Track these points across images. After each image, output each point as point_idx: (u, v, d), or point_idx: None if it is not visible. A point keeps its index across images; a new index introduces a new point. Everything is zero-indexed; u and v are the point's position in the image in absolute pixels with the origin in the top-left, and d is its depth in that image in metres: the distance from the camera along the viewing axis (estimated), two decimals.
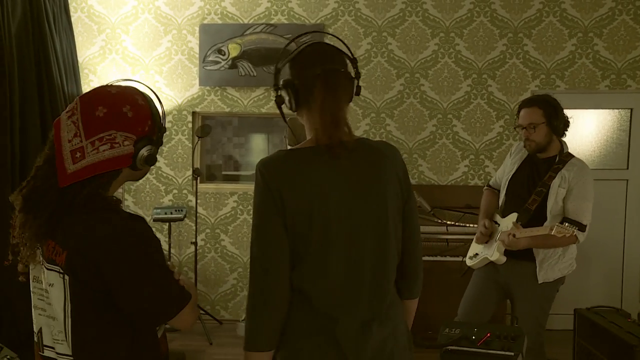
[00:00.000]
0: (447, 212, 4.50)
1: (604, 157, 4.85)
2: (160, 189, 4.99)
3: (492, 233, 3.12)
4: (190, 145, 4.96)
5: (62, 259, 1.35)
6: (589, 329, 3.41)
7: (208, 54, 4.84)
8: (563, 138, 3.02)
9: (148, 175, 4.95)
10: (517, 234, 2.83)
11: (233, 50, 4.82)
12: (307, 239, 1.48)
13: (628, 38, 4.75)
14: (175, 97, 4.92)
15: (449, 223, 4.39)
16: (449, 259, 4.18)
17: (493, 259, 3.00)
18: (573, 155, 2.98)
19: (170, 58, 4.91)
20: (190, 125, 4.97)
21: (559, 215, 2.93)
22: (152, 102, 1.49)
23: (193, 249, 4.80)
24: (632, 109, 4.82)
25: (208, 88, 4.91)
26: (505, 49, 4.81)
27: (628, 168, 4.82)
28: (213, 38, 4.83)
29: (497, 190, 3.30)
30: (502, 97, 4.84)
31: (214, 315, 4.90)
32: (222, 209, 4.98)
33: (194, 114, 5.00)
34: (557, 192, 2.89)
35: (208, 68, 4.85)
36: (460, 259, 3.39)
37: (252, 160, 5.65)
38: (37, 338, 1.47)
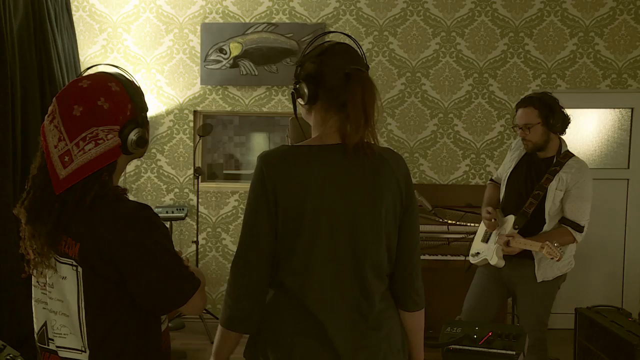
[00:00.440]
0: (448, 211, 4.50)
1: (605, 156, 4.85)
2: (162, 188, 4.99)
3: (490, 233, 3.13)
4: (192, 144, 4.97)
5: (75, 251, 1.36)
6: (590, 328, 3.42)
7: (209, 53, 4.84)
8: (563, 136, 3.02)
9: (149, 174, 4.96)
10: (511, 243, 2.83)
11: (234, 50, 4.83)
12: (296, 235, 1.49)
13: (629, 38, 4.75)
14: (177, 96, 4.93)
15: (450, 222, 4.39)
16: (450, 258, 4.18)
17: (492, 263, 3.01)
18: (572, 155, 2.96)
19: (172, 57, 4.92)
20: (192, 124, 4.97)
21: (557, 216, 2.93)
22: (129, 84, 1.45)
23: (194, 248, 4.81)
24: (632, 109, 4.82)
25: (209, 87, 4.92)
26: (506, 49, 4.81)
27: (629, 167, 4.83)
28: (214, 37, 4.83)
29: (499, 184, 3.30)
30: (503, 96, 4.84)
31: (215, 314, 4.90)
32: (223, 208, 4.99)
33: (196, 113, 5.01)
34: (554, 194, 2.88)
35: (209, 67, 4.85)
36: (463, 258, 3.39)
37: (253, 160, 5.65)
38: (40, 332, 1.48)
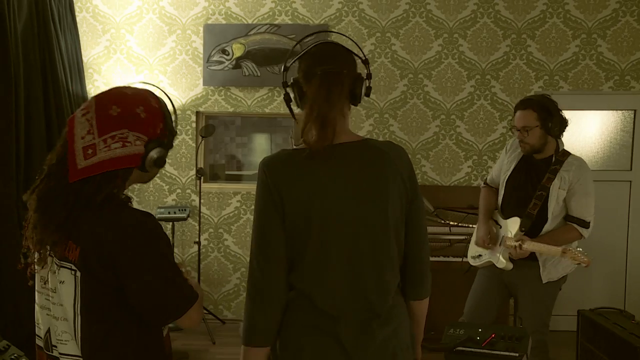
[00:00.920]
0: (450, 212, 4.51)
1: (608, 158, 4.85)
2: (164, 189, 5.00)
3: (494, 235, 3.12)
4: (194, 145, 4.97)
5: (75, 255, 1.36)
6: (593, 331, 3.41)
7: (212, 54, 4.85)
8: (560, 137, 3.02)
9: None
10: (524, 246, 2.81)
11: (237, 51, 4.83)
12: (305, 239, 1.50)
13: (632, 39, 4.75)
14: (179, 96, 4.93)
15: (452, 223, 4.40)
16: (452, 260, 4.18)
17: (500, 267, 2.99)
18: (569, 153, 2.97)
19: (175, 58, 4.92)
20: (194, 125, 4.98)
21: (560, 215, 2.93)
22: (164, 106, 1.51)
23: (196, 249, 4.81)
24: (635, 110, 4.82)
25: (212, 88, 4.92)
26: (509, 50, 4.81)
27: (631, 169, 4.82)
28: (217, 38, 4.84)
29: (495, 188, 3.29)
30: (505, 98, 4.84)
31: (217, 315, 4.91)
32: (225, 209, 4.99)
33: (198, 114, 5.01)
34: (557, 194, 2.89)
35: (212, 68, 4.86)
36: (462, 260, 3.38)
37: (254, 160, 5.66)
38: (45, 338, 1.47)
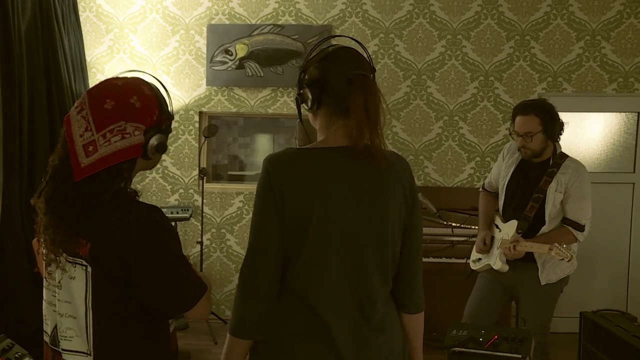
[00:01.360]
0: (452, 214, 4.50)
1: (611, 160, 4.84)
2: (167, 189, 5.00)
3: (492, 239, 3.13)
4: (197, 145, 4.98)
5: (85, 251, 1.37)
6: (595, 333, 3.40)
7: (215, 54, 4.85)
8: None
9: (155, 175, 4.97)
10: (517, 247, 2.83)
11: (240, 51, 4.84)
12: (303, 239, 1.49)
13: (636, 41, 4.74)
14: (183, 97, 4.93)
15: (454, 225, 4.39)
16: (454, 261, 4.18)
17: (496, 268, 3.01)
18: (567, 156, 2.96)
19: (178, 58, 4.93)
20: (197, 125, 4.98)
21: (557, 218, 2.93)
22: (158, 91, 1.50)
23: (199, 249, 4.82)
24: (639, 112, 4.81)
25: (215, 88, 4.93)
26: (512, 52, 4.81)
27: (635, 171, 4.82)
28: (220, 38, 4.84)
29: (493, 193, 3.29)
30: (508, 99, 4.84)
31: (219, 315, 4.91)
32: (227, 209, 4.99)
33: (201, 114, 5.02)
34: (554, 196, 2.89)
35: (215, 68, 4.86)
36: (465, 261, 3.39)
37: (257, 161, 5.66)
38: (52, 334, 1.48)
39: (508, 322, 4.10)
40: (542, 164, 2.98)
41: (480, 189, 3.39)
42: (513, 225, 2.97)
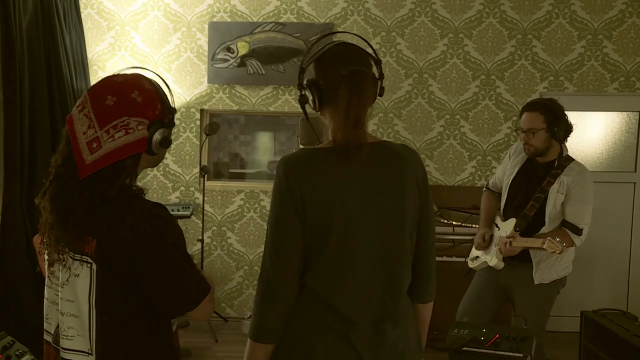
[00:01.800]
0: (453, 212, 4.51)
1: (612, 159, 4.84)
2: (168, 186, 5.00)
3: (492, 237, 3.14)
4: (198, 143, 4.98)
5: (91, 248, 1.37)
6: (596, 332, 3.40)
7: (217, 52, 4.85)
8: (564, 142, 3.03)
9: (155, 172, 4.97)
10: (513, 242, 2.84)
11: (242, 49, 4.83)
12: (325, 239, 1.49)
13: (638, 41, 4.73)
14: (184, 94, 4.93)
15: (456, 223, 4.40)
16: (455, 260, 4.17)
17: (491, 264, 3.03)
18: (572, 159, 2.97)
19: (179, 55, 4.93)
20: (198, 123, 4.98)
21: (558, 220, 2.93)
22: (158, 86, 1.50)
23: (199, 247, 4.82)
24: None
25: (216, 86, 4.92)
26: (514, 50, 4.80)
27: (636, 171, 4.81)
28: (222, 36, 4.84)
29: (496, 193, 3.30)
30: (510, 98, 4.84)
31: (220, 313, 4.92)
32: (228, 207, 4.99)
33: (202, 112, 5.01)
34: (555, 197, 2.89)
35: (217, 66, 4.86)
36: (464, 260, 3.40)
37: (258, 159, 5.66)
38: (55, 333, 1.47)
39: (509, 321, 4.09)
40: (547, 165, 2.98)
41: (484, 189, 3.40)
42: (511, 223, 2.98)
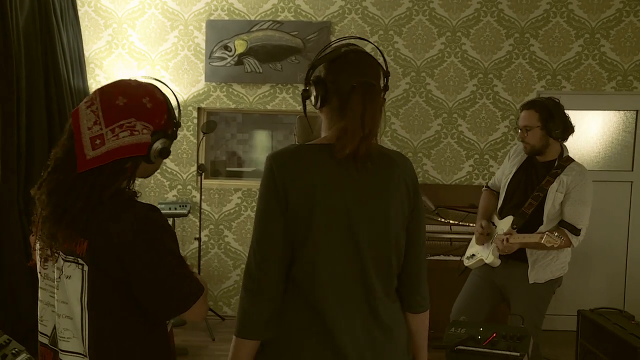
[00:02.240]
0: (451, 211, 4.50)
1: (609, 158, 4.85)
2: (165, 185, 4.99)
3: (489, 234, 3.14)
4: (195, 141, 4.97)
5: (82, 249, 1.36)
6: (593, 331, 3.41)
7: (214, 50, 4.84)
8: (565, 142, 3.03)
9: None
10: (510, 239, 2.85)
11: (239, 47, 4.82)
12: (305, 233, 1.49)
13: (635, 40, 4.74)
14: (181, 92, 4.92)
15: (453, 222, 4.39)
16: (452, 259, 4.18)
17: (488, 262, 3.03)
18: (573, 160, 2.98)
19: (177, 53, 4.91)
20: (196, 121, 4.97)
21: (556, 219, 2.93)
22: (168, 99, 1.52)
23: (197, 245, 4.81)
24: (637, 111, 4.81)
25: (214, 84, 4.91)
26: (512, 49, 4.80)
27: (633, 170, 4.82)
28: (219, 34, 4.83)
29: (495, 192, 3.31)
30: (507, 97, 4.84)
31: (217, 312, 4.91)
32: (226, 205, 4.99)
33: (200, 110, 5.00)
34: (554, 196, 2.89)
35: (214, 64, 4.85)
36: (460, 259, 3.40)
37: (255, 157, 5.66)
38: (52, 335, 1.46)
39: (505, 321, 4.10)
40: (546, 164, 2.99)
41: (484, 188, 3.40)
42: (508, 221, 2.99)
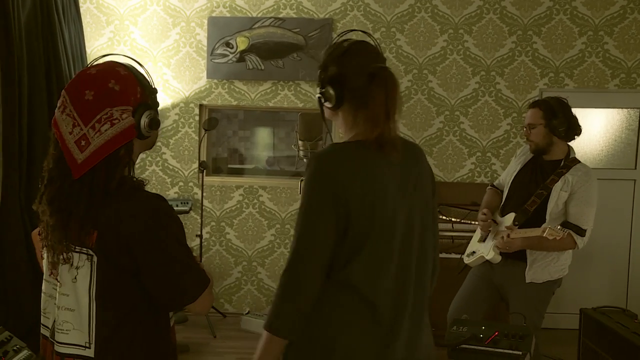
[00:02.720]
0: (452, 209, 4.50)
1: (612, 156, 4.83)
2: (166, 181, 4.99)
3: (491, 229, 3.13)
4: (197, 138, 4.96)
5: (92, 239, 1.36)
6: (595, 329, 3.40)
7: (216, 47, 4.83)
8: (570, 142, 3.02)
9: (154, 167, 4.95)
10: (511, 234, 2.85)
11: (241, 44, 4.81)
12: (365, 234, 1.48)
13: (639, 37, 4.72)
14: (183, 89, 4.91)
15: (455, 220, 4.39)
16: (454, 256, 4.16)
17: (488, 258, 3.01)
18: (579, 161, 2.98)
19: (178, 50, 4.91)
20: (197, 118, 4.96)
21: (559, 219, 2.92)
22: (135, 69, 1.49)
23: (198, 242, 4.81)
24: None
25: (215, 81, 4.90)
26: (514, 47, 4.79)
27: (636, 168, 4.80)
28: (221, 31, 4.82)
29: (499, 190, 3.30)
30: (510, 94, 4.82)
31: (218, 309, 4.91)
32: (227, 202, 4.98)
33: (201, 107, 5.00)
34: (558, 195, 2.89)
35: (216, 61, 4.84)
36: (459, 257, 3.39)
37: (257, 154, 5.65)
38: (52, 327, 1.46)
39: (505, 320, 4.09)
40: (552, 164, 2.98)
41: (489, 187, 3.40)
42: (510, 218, 2.99)
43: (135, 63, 1.51)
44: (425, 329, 1.61)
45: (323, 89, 1.59)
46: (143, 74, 1.49)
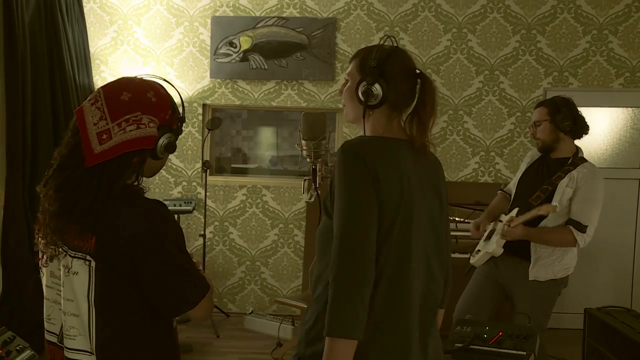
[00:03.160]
0: (456, 208, 4.48)
1: (617, 155, 4.81)
2: (170, 181, 4.99)
3: (493, 231, 3.13)
4: (200, 138, 4.96)
5: (90, 245, 1.35)
6: (600, 329, 3.39)
7: (219, 47, 4.82)
8: (576, 141, 3.02)
9: None
10: (512, 223, 2.87)
11: (244, 43, 4.81)
12: (392, 224, 1.47)
13: None
14: (186, 89, 4.91)
15: (458, 220, 4.37)
16: (458, 256, 4.15)
17: (490, 250, 3.01)
18: (586, 160, 2.98)
19: (182, 50, 4.91)
20: (201, 118, 4.96)
21: (562, 217, 2.91)
22: (171, 96, 1.52)
23: (201, 242, 4.80)
24: None
25: (219, 80, 4.90)
26: (518, 46, 4.77)
27: None
28: (225, 30, 4.81)
29: (508, 195, 3.30)
30: (514, 94, 4.80)
31: (222, 308, 4.91)
32: (231, 202, 4.98)
33: (205, 106, 5.00)
34: (563, 191, 2.88)
35: (219, 60, 4.84)
36: (469, 256, 3.38)
37: (260, 154, 5.64)
38: (60, 333, 1.45)
39: (510, 319, 4.07)
40: (560, 161, 2.98)
41: (499, 190, 3.40)
42: (514, 212, 2.98)
43: (177, 94, 1.58)
44: (434, 333, 1.62)
45: (370, 87, 1.56)
46: (176, 102, 1.53)
